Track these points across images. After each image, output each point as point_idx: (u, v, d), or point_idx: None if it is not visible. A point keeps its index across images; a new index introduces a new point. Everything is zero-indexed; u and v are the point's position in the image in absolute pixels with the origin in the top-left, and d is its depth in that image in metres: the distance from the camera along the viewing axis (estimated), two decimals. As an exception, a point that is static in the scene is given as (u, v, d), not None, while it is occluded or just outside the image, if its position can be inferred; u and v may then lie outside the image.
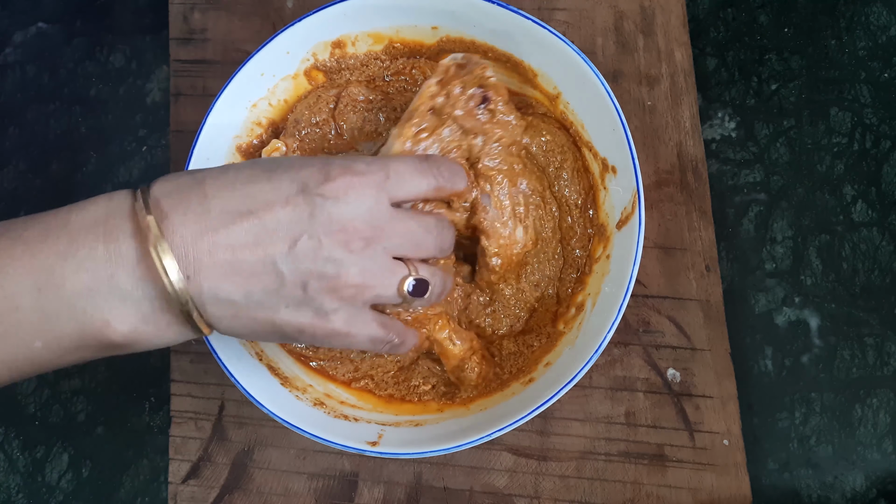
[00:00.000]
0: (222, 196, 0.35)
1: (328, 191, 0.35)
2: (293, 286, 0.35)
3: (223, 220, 0.34)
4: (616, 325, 0.44)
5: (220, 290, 0.34)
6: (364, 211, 0.36)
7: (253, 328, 0.36)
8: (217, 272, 0.34)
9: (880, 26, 0.56)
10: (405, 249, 0.38)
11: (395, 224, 0.37)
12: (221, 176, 0.36)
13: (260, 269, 0.35)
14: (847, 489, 0.50)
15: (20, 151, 0.62)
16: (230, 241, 0.34)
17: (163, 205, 0.34)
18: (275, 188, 0.35)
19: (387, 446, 0.46)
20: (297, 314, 0.36)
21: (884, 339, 0.52)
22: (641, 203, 0.46)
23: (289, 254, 0.35)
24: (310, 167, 0.36)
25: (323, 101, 0.52)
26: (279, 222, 0.35)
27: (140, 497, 0.55)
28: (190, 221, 0.34)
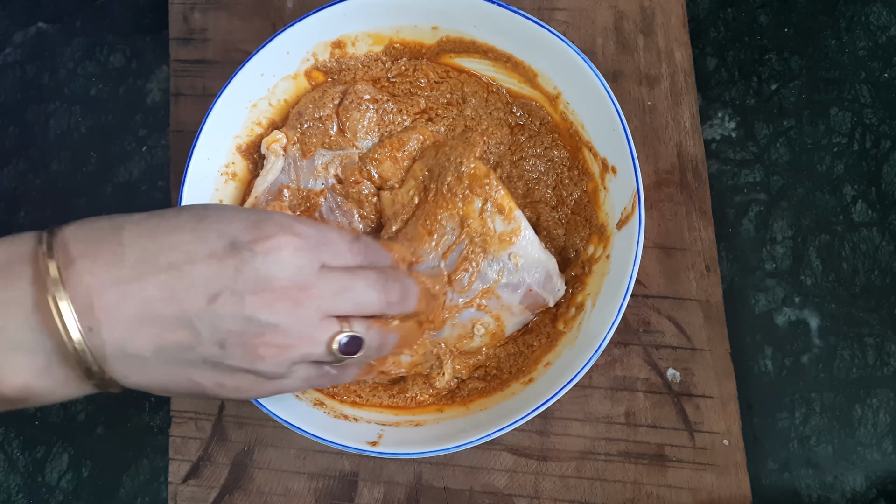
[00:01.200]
0: (140, 245, 0.33)
1: (259, 247, 0.33)
2: (211, 344, 0.33)
3: (137, 271, 0.32)
4: (616, 325, 0.44)
5: (126, 344, 0.32)
6: (292, 270, 0.34)
7: (165, 384, 0.34)
8: (125, 325, 0.32)
9: (880, 26, 0.56)
10: (344, 308, 0.36)
11: (328, 283, 0.35)
12: (143, 223, 0.34)
13: (174, 324, 0.32)
14: (847, 489, 0.50)
15: (20, 151, 0.62)
16: (143, 293, 0.32)
17: (71, 250, 0.32)
18: (200, 240, 0.33)
19: (387, 446, 0.46)
20: (215, 372, 0.34)
21: (884, 339, 0.52)
22: (641, 203, 0.46)
23: (207, 310, 0.32)
24: (242, 221, 0.34)
25: (328, 97, 0.52)
26: (200, 277, 0.33)
27: (140, 497, 0.55)
28: (99, 270, 0.32)
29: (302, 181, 0.51)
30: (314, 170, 0.51)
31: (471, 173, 0.47)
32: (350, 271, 0.37)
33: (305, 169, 0.51)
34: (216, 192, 0.52)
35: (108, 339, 0.32)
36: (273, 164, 0.51)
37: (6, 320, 0.31)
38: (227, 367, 0.34)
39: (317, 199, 0.51)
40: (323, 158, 0.51)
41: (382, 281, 0.38)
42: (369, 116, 0.52)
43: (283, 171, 0.51)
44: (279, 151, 0.51)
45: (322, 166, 0.51)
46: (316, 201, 0.51)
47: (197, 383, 0.35)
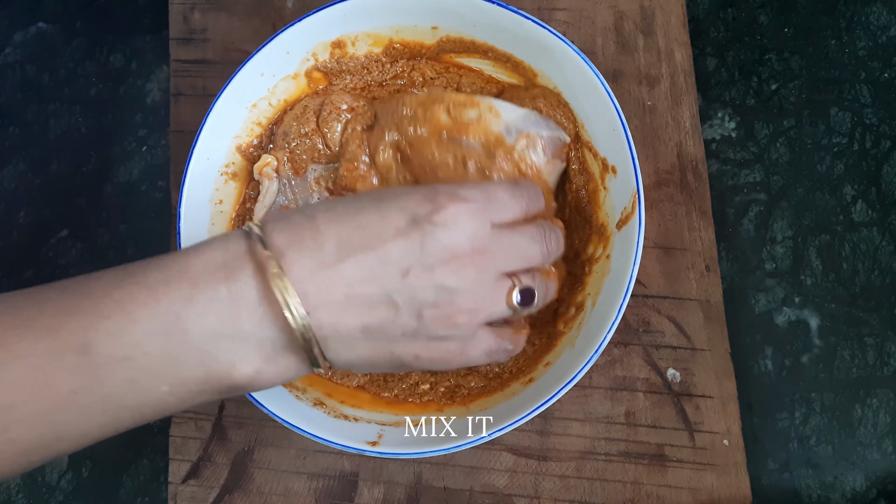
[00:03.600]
0: (334, 230, 0.35)
1: (437, 219, 0.35)
2: (409, 316, 0.35)
3: (338, 255, 0.34)
4: (616, 325, 0.44)
5: (340, 324, 0.35)
6: (471, 235, 0.36)
7: (371, 360, 0.37)
8: (336, 307, 0.34)
9: (880, 26, 0.56)
10: (514, 265, 0.38)
11: (500, 243, 0.38)
12: (331, 210, 0.36)
13: (376, 301, 0.35)
14: (847, 489, 0.50)
15: (20, 151, 0.62)
16: (346, 275, 0.34)
17: (277, 242, 0.34)
18: (384, 219, 0.36)
19: (387, 446, 0.46)
20: (413, 344, 0.37)
21: (884, 339, 0.52)
22: (641, 203, 0.46)
23: (402, 285, 0.35)
24: (416, 196, 0.37)
25: (310, 111, 0.52)
26: (391, 254, 0.35)
27: (140, 497, 0.55)
28: (306, 258, 0.34)
29: (300, 199, 0.51)
30: (309, 186, 0.51)
31: (418, 101, 0.47)
32: (515, 229, 0.39)
33: (301, 187, 0.52)
34: (216, 192, 0.52)
35: (324, 323, 0.34)
36: (268, 188, 0.51)
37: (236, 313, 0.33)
38: (424, 337, 0.36)
39: None
40: (315, 173, 0.51)
41: (542, 234, 0.40)
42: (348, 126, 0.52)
43: (280, 193, 0.52)
44: (272, 174, 0.51)
45: (315, 181, 0.51)
46: None
47: (397, 356, 0.37)
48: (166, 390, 0.34)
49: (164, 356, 0.33)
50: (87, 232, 0.60)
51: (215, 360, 0.34)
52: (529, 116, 0.48)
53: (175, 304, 0.33)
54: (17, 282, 0.59)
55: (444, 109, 0.47)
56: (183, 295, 0.33)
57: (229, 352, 0.34)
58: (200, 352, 0.33)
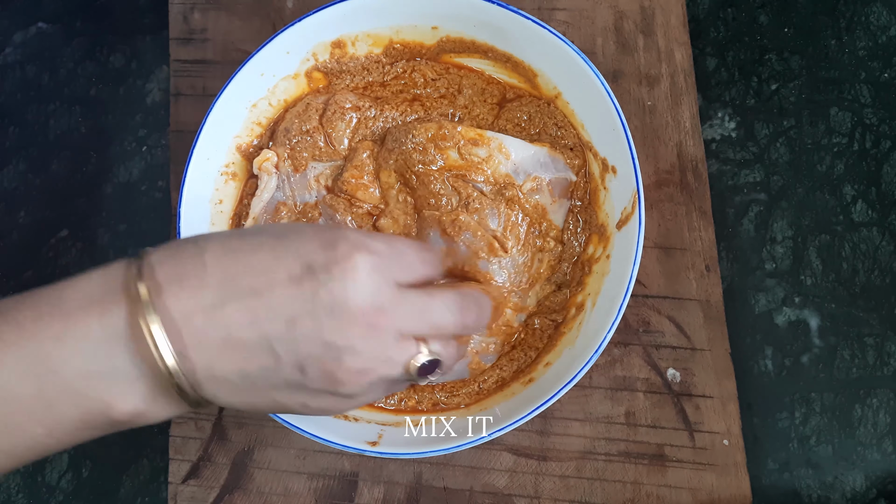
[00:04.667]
0: (222, 267, 0.33)
1: (335, 270, 0.33)
2: (291, 368, 0.33)
3: (220, 297, 0.32)
4: (616, 325, 0.44)
5: (214, 368, 0.33)
6: (371, 292, 0.34)
7: (254, 405, 0.35)
8: (211, 350, 0.32)
9: (880, 26, 0.56)
10: (420, 329, 0.36)
11: (405, 305, 0.35)
12: (225, 243, 0.34)
13: (256, 348, 0.33)
14: (847, 489, 0.50)
15: (20, 151, 0.62)
16: (226, 319, 0.32)
17: (158, 276, 0.33)
18: (278, 262, 0.33)
19: (387, 446, 0.46)
20: (298, 394, 0.35)
21: (884, 339, 0.52)
22: (641, 203, 0.46)
23: (286, 335, 0.33)
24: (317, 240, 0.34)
25: (312, 109, 0.52)
26: (279, 301, 0.33)
27: (140, 497, 0.55)
28: (185, 296, 0.32)
29: (297, 196, 0.51)
30: (308, 183, 0.51)
31: (427, 137, 0.48)
32: (427, 292, 0.37)
33: (299, 183, 0.52)
34: (216, 192, 0.52)
35: (197, 364, 0.32)
36: (267, 183, 0.51)
37: (110, 351, 0.32)
38: (309, 390, 0.34)
39: (314, 213, 0.51)
40: (315, 171, 0.52)
41: (459, 302, 0.37)
42: (353, 125, 0.52)
43: (278, 189, 0.52)
44: (271, 170, 0.51)
45: (315, 179, 0.51)
46: (314, 215, 0.51)
47: (282, 404, 0.35)
48: (42, 432, 0.32)
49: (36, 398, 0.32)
50: (87, 232, 0.60)
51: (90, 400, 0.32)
52: (538, 156, 0.48)
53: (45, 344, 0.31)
54: (18, 282, 0.59)
55: (454, 147, 0.47)
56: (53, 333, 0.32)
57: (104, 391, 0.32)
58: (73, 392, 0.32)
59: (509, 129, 0.52)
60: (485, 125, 0.52)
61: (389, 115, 0.52)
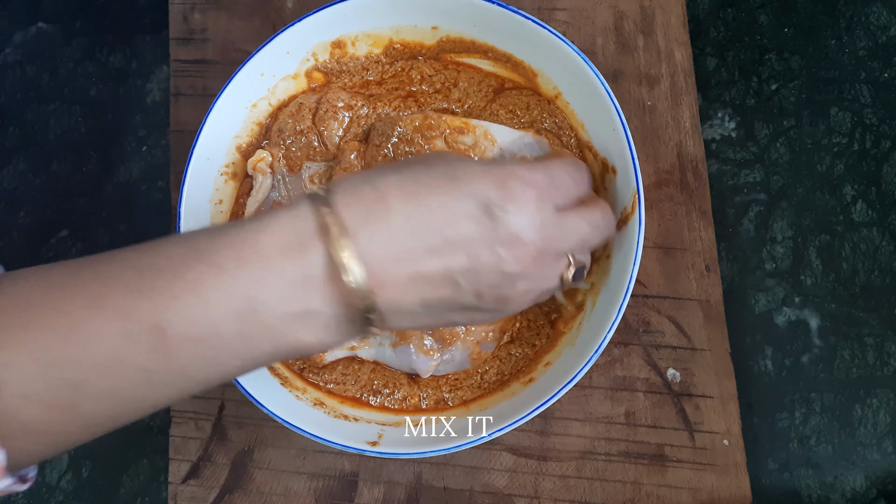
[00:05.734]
0: (405, 211, 0.36)
1: (508, 206, 0.36)
2: (468, 294, 0.37)
3: (406, 234, 0.35)
4: (616, 325, 0.44)
5: (401, 301, 0.36)
6: (538, 223, 0.37)
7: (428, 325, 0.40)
8: (400, 286, 0.35)
9: (880, 26, 0.56)
10: (573, 246, 0.40)
11: (565, 229, 0.39)
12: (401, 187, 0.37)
13: (440, 281, 0.36)
14: (847, 489, 0.50)
15: (20, 151, 0.62)
16: (413, 254, 0.35)
17: (346, 220, 0.35)
18: (456, 202, 0.36)
19: (387, 446, 0.46)
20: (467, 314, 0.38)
21: (884, 339, 0.52)
22: (641, 203, 0.46)
23: (468, 268, 0.36)
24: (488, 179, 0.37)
25: (305, 108, 0.52)
26: (461, 238, 0.36)
27: (140, 497, 0.55)
28: (375, 239, 0.35)
29: (293, 196, 0.51)
30: (303, 184, 0.51)
31: (413, 127, 0.48)
32: (580, 213, 0.41)
33: (295, 184, 0.52)
34: (216, 192, 0.52)
35: (388, 300, 0.35)
36: (262, 183, 0.51)
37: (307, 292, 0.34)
38: (481, 309, 0.38)
39: None
40: (310, 171, 0.52)
41: (603, 220, 0.42)
42: (346, 123, 0.52)
43: (274, 189, 0.52)
44: (266, 170, 0.51)
45: (310, 179, 0.51)
46: None
47: (453, 321, 0.39)
48: (237, 364, 0.35)
49: (237, 335, 0.34)
50: (87, 232, 0.60)
51: (284, 336, 0.35)
52: (524, 139, 0.49)
53: (247, 286, 0.34)
54: (17, 282, 0.59)
55: (441, 136, 0.48)
56: (255, 276, 0.34)
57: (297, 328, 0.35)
58: (271, 330, 0.34)
59: (501, 115, 0.52)
60: (476, 112, 0.52)
61: (382, 112, 0.52)
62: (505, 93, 0.52)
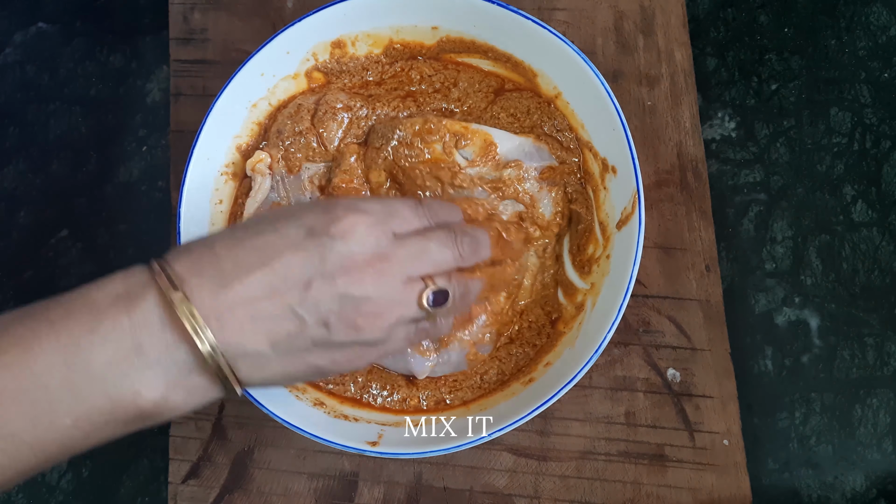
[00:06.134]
0: (233, 254, 0.36)
1: (335, 230, 0.36)
2: (316, 327, 0.36)
3: (237, 276, 0.35)
4: (616, 325, 0.44)
5: (247, 343, 0.35)
6: (370, 244, 0.37)
7: (287, 373, 0.37)
8: (240, 327, 0.35)
9: (880, 26, 0.56)
10: (422, 269, 0.39)
11: (404, 249, 0.38)
12: (229, 236, 0.37)
13: (280, 316, 0.35)
14: (847, 489, 0.50)
15: (20, 151, 0.62)
16: (247, 295, 0.35)
17: (178, 270, 0.35)
18: (281, 236, 0.36)
19: (387, 446, 0.46)
20: (327, 351, 0.37)
21: (884, 339, 0.52)
22: (641, 203, 0.46)
23: (305, 298, 0.35)
24: (313, 212, 0.37)
25: (304, 110, 0.52)
26: (290, 268, 0.36)
27: (140, 497, 0.55)
28: (206, 283, 0.35)
29: (292, 197, 0.52)
30: (302, 185, 0.51)
31: (413, 132, 0.48)
32: (422, 234, 0.40)
33: (294, 185, 0.52)
34: (216, 192, 0.52)
35: (231, 343, 0.35)
36: (261, 185, 0.51)
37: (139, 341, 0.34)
38: (336, 344, 0.37)
39: None
40: (309, 172, 0.52)
41: (452, 237, 0.41)
42: (345, 125, 0.52)
43: (273, 190, 0.52)
44: (265, 171, 0.51)
45: (309, 180, 0.51)
46: None
47: (313, 364, 0.37)
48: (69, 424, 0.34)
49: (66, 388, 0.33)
50: (87, 232, 0.60)
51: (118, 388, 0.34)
52: (524, 146, 0.49)
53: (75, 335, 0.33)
54: (18, 282, 0.59)
55: (440, 140, 0.48)
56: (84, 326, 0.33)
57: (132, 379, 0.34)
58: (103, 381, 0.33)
59: (502, 118, 0.52)
60: (476, 113, 0.52)
61: (381, 112, 0.52)
62: (505, 94, 0.52)
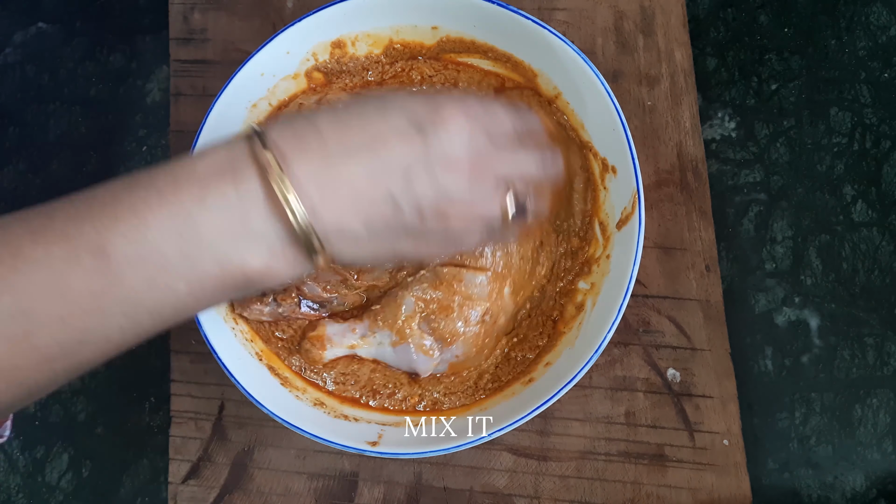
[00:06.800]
0: (338, 133, 0.36)
1: (440, 124, 0.37)
2: (410, 215, 0.37)
3: (340, 156, 0.35)
4: (616, 325, 0.44)
5: (342, 222, 0.36)
6: (471, 143, 0.37)
7: (375, 254, 0.38)
8: (338, 206, 0.35)
9: (880, 26, 0.56)
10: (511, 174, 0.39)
11: (500, 153, 0.39)
12: (333, 114, 0.37)
13: (379, 201, 0.36)
14: (847, 489, 0.50)
15: (20, 151, 0.62)
16: (349, 175, 0.35)
17: (280, 145, 0.35)
18: (387, 122, 0.37)
19: (387, 446, 0.46)
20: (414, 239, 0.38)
21: (884, 339, 0.52)
22: (641, 203, 0.46)
23: (405, 186, 0.36)
24: (420, 101, 0.38)
25: (305, 109, 0.52)
26: (394, 155, 0.36)
27: (140, 497, 0.55)
28: (308, 158, 0.35)
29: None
30: None
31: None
32: (515, 144, 0.40)
33: None
34: (216, 192, 0.52)
35: (327, 220, 0.35)
36: None
37: (245, 212, 0.34)
38: (425, 232, 0.38)
39: None
40: None
41: (541, 154, 0.41)
42: None
43: None
44: None
45: None
46: None
47: (400, 248, 0.38)
48: (184, 289, 0.35)
49: (180, 255, 0.34)
50: (87, 232, 0.60)
51: (228, 256, 0.34)
52: None
53: (186, 205, 0.34)
54: (17, 282, 0.59)
55: None
56: (193, 196, 0.34)
57: (239, 249, 0.35)
58: (213, 250, 0.34)
59: None
60: None
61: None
62: (506, 92, 0.52)
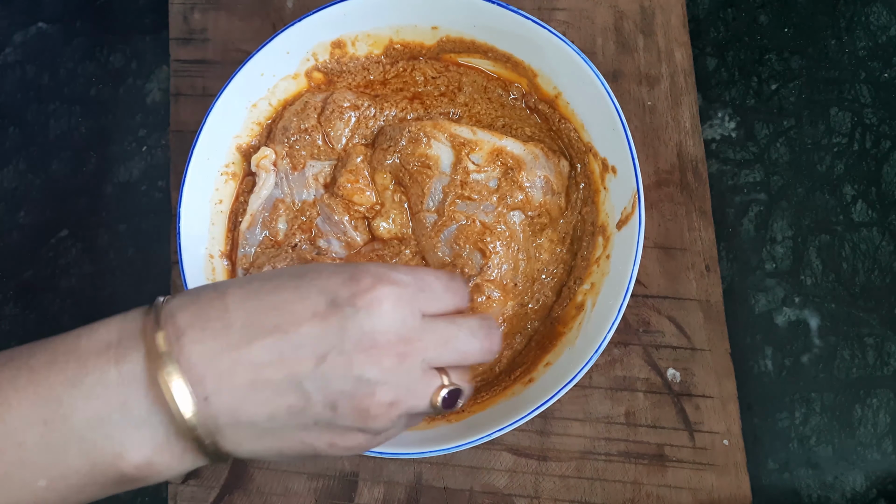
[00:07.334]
0: (245, 309, 0.32)
1: (360, 302, 0.32)
2: (321, 406, 0.32)
3: (245, 337, 0.32)
4: (616, 325, 0.44)
5: (240, 412, 0.32)
6: (397, 322, 0.33)
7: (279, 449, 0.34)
8: (237, 394, 0.31)
9: (880, 26, 0.56)
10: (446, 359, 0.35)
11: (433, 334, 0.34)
12: (245, 286, 0.34)
13: (284, 388, 0.32)
14: (847, 489, 0.50)
15: (20, 151, 0.62)
16: (252, 359, 0.32)
17: (179, 321, 0.32)
18: (301, 298, 0.33)
19: (387, 446, 0.46)
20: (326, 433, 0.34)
21: (884, 339, 0.52)
22: (641, 203, 0.46)
23: (316, 372, 0.32)
24: (340, 275, 0.34)
25: (311, 107, 0.52)
26: (306, 338, 0.32)
27: (140, 497, 0.55)
28: (208, 338, 0.32)
29: (295, 194, 0.52)
30: (306, 182, 0.52)
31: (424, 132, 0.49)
32: (451, 320, 0.36)
33: (298, 182, 0.52)
34: (216, 192, 0.52)
35: (221, 409, 0.31)
36: (265, 180, 0.51)
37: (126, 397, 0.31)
38: (339, 427, 0.33)
39: (312, 211, 0.51)
40: (314, 169, 0.52)
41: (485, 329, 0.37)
42: (352, 124, 0.52)
43: (276, 186, 0.52)
44: (269, 167, 0.51)
45: (313, 177, 0.52)
46: (311, 213, 0.51)
47: (309, 445, 0.34)
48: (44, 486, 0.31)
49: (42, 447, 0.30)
50: (87, 232, 0.60)
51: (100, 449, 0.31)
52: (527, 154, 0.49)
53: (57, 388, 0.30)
54: (18, 282, 0.59)
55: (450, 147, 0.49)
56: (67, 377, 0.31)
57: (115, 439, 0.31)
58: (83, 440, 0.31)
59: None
60: (486, 121, 0.52)
61: (389, 113, 0.52)
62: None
